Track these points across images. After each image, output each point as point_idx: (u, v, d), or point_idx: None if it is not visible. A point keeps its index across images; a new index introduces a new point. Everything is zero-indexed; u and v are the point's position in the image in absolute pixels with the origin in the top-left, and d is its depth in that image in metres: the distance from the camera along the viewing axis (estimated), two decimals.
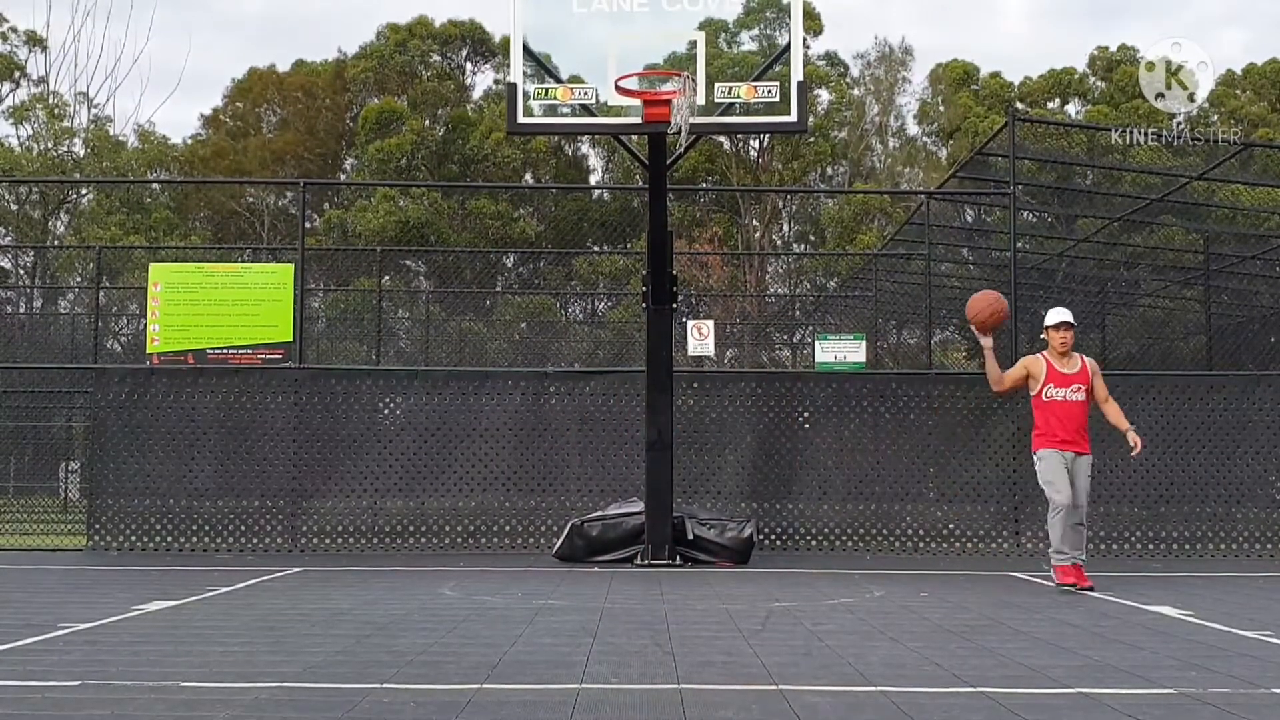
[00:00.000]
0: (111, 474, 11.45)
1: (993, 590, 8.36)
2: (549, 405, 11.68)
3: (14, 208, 33.49)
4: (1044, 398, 8.32)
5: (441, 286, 23.90)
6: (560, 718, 3.99)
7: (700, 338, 12.66)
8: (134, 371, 11.84)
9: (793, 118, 9.42)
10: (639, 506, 10.42)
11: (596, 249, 32.42)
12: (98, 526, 11.39)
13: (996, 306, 8.38)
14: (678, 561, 10.07)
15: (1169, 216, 17.63)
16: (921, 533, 11.50)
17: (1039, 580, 9.08)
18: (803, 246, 37.33)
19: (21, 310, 26.07)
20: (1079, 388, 8.34)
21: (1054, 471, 8.18)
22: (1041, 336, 8.72)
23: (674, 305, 10.54)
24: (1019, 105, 33.67)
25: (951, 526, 11.52)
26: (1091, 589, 8.01)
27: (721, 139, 32.28)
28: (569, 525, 10.57)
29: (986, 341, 8.44)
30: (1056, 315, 8.47)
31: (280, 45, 65.41)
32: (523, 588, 8.26)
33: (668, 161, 10.10)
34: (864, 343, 13.01)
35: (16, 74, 35.98)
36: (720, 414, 11.74)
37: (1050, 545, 8.25)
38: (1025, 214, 21.25)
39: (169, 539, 11.34)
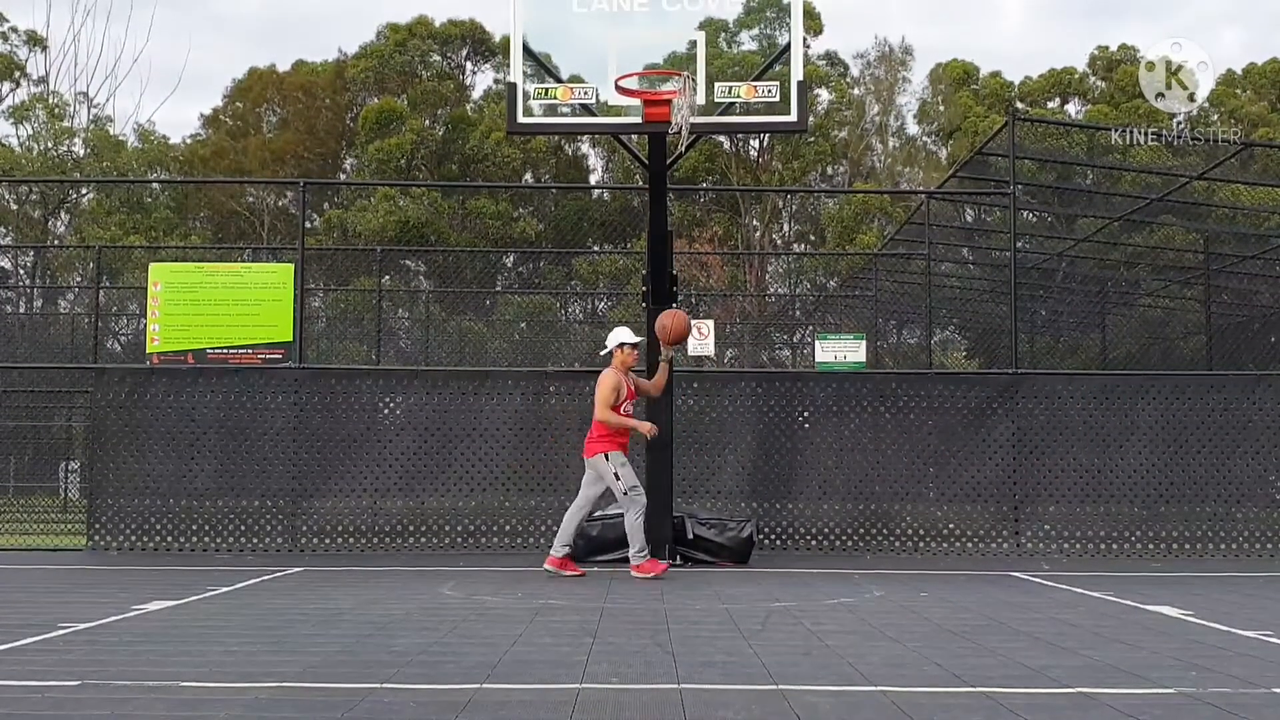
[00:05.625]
0: (111, 474, 11.45)
1: (993, 590, 8.36)
2: (549, 405, 11.67)
3: (14, 208, 33.50)
4: (622, 411, 9.10)
5: (441, 286, 23.89)
6: (560, 718, 3.99)
7: (700, 338, 12.65)
8: (134, 371, 11.83)
9: (793, 117, 9.41)
10: None
11: (596, 249, 32.42)
12: (98, 526, 11.39)
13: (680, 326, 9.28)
14: (678, 561, 10.08)
15: (1169, 216, 17.63)
16: (921, 533, 11.50)
17: (1039, 580, 9.08)
18: (803, 246, 37.33)
19: (21, 310, 26.07)
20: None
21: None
22: (604, 354, 9.48)
23: (674, 305, 10.54)
24: (1019, 105, 33.69)
25: (951, 526, 11.52)
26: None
27: (721, 139, 32.28)
28: None
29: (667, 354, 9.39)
30: (632, 335, 9.39)
31: (280, 45, 65.41)
32: (523, 588, 8.27)
33: (668, 161, 10.09)
34: (864, 342, 13.01)
35: (16, 74, 36.00)
36: (720, 414, 11.74)
37: (638, 546, 8.90)
38: (1025, 214, 21.25)
39: (169, 539, 11.34)
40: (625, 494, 8.93)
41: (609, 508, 10.80)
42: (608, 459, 8.99)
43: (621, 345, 9.30)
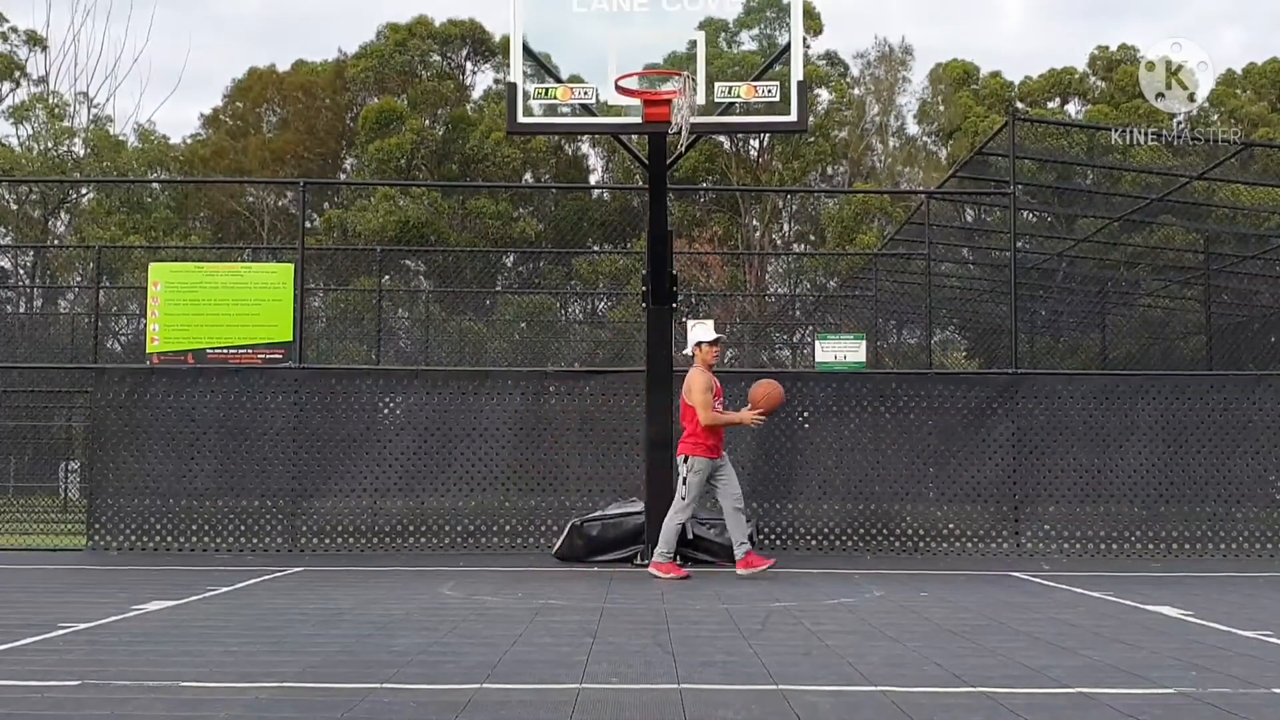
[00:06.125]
0: (111, 474, 11.45)
1: (993, 590, 8.36)
2: (549, 405, 11.67)
3: (14, 207, 33.50)
4: (715, 408, 9.11)
5: (441, 286, 23.89)
6: (560, 718, 3.99)
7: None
8: (134, 371, 11.83)
9: (793, 117, 9.40)
10: (639, 506, 10.42)
11: (596, 249, 32.42)
12: (98, 526, 11.39)
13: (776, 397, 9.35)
14: (679, 562, 10.06)
15: (1169, 216, 17.63)
16: (921, 533, 11.50)
17: (1039, 580, 9.08)
18: (803, 246, 37.33)
19: (21, 310, 26.08)
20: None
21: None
22: (687, 352, 9.48)
23: (674, 305, 10.54)
24: (1019, 105, 33.68)
25: (951, 526, 11.52)
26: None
27: (721, 139, 32.28)
28: (569, 525, 10.57)
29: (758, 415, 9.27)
30: (710, 332, 9.42)
31: (280, 45, 65.41)
32: (523, 588, 8.27)
33: (668, 161, 10.09)
34: (864, 342, 13.00)
35: (16, 74, 35.99)
36: None
37: (666, 547, 9.04)
38: (1025, 214, 21.25)
39: (169, 539, 11.34)
40: (682, 499, 9.07)
41: (609, 507, 10.83)
42: (685, 462, 9.06)
43: (700, 344, 9.36)
